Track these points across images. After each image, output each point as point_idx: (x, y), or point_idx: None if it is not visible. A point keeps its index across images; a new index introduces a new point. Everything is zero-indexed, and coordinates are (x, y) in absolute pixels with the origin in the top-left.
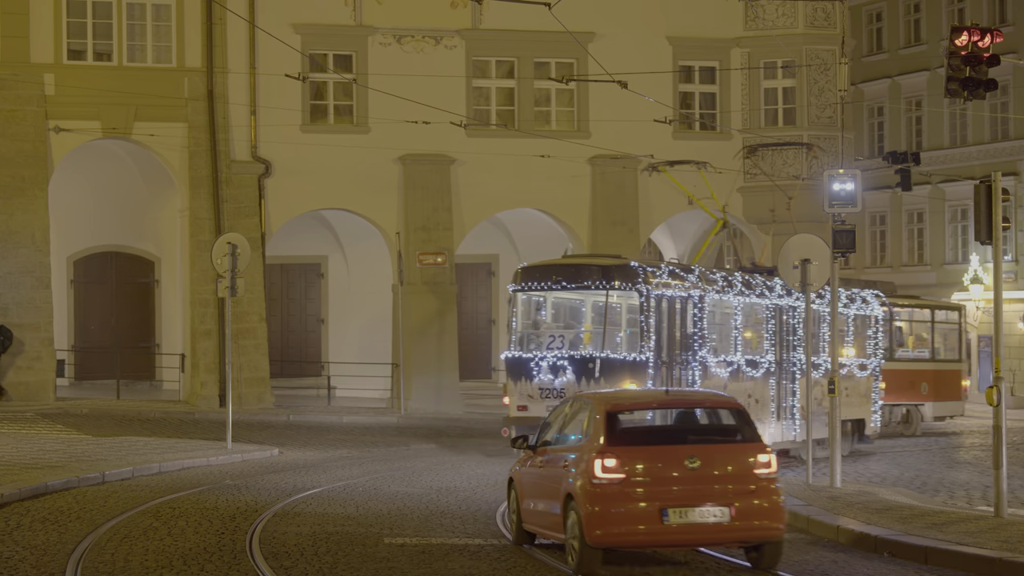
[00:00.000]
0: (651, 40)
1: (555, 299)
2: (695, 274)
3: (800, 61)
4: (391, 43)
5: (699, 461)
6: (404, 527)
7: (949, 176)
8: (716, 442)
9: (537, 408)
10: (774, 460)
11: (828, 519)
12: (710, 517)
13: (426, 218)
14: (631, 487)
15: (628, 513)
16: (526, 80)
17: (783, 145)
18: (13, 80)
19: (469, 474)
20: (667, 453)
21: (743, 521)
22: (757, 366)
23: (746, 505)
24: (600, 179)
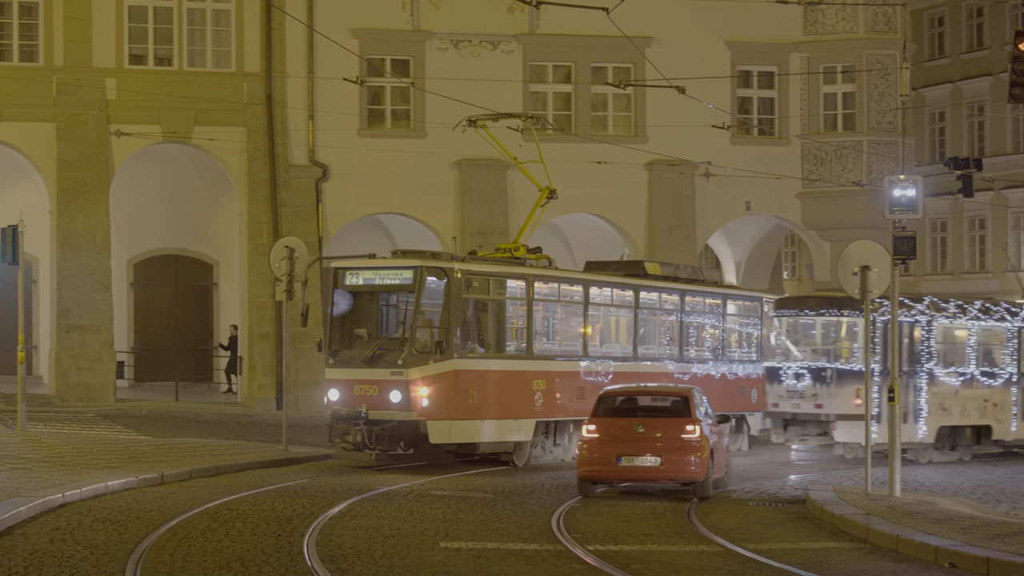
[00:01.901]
0: (709, 44)
1: (803, 321)
2: (924, 303)
3: (860, 66)
4: (448, 48)
5: (643, 428)
6: (460, 531)
7: (1012, 182)
8: (658, 416)
9: (785, 405)
10: (698, 428)
11: (887, 529)
12: (648, 462)
13: (482, 222)
14: (600, 443)
15: (598, 458)
16: (583, 85)
17: None
18: (75, 85)
19: (524, 479)
20: (624, 423)
21: (669, 466)
22: (995, 376)
23: (672, 456)
24: (657, 184)
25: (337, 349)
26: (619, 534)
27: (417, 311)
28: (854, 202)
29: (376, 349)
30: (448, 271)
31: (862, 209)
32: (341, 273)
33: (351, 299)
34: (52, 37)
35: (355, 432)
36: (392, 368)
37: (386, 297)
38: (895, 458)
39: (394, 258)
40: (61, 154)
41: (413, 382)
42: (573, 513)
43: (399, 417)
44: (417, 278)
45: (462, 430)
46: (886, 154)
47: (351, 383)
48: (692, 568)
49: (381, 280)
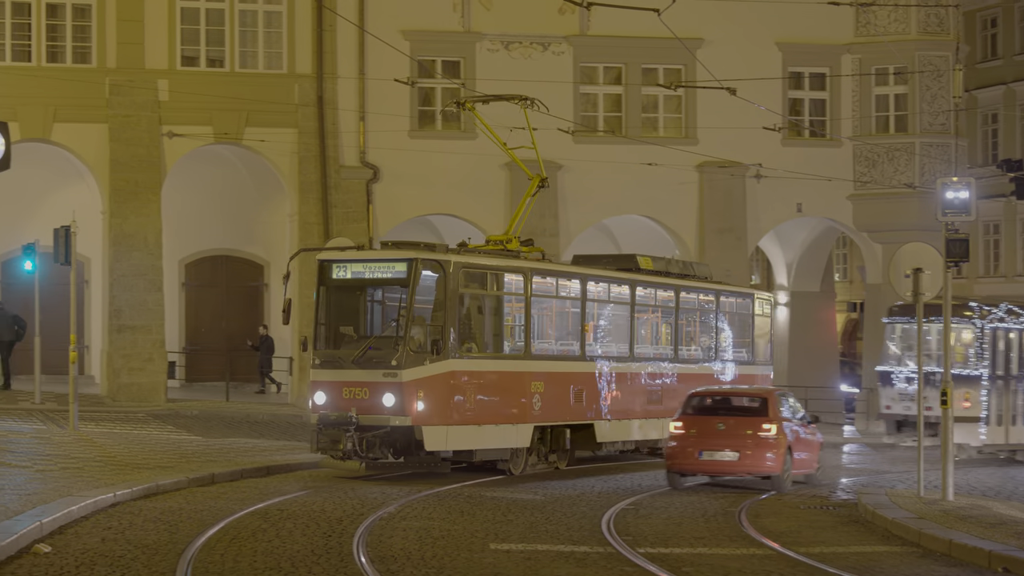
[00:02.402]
0: (760, 46)
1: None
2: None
3: (912, 67)
4: (499, 49)
5: (724, 426)
6: (509, 533)
7: None
8: (738, 415)
9: (897, 408)
10: (774, 427)
11: (940, 533)
12: (727, 457)
13: (532, 224)
14: (685, 438)
15: (683, 452)
16: (634, 86)
17: None
18: (128, 86)
19: (574, 482)
20: (707, 420)
21: (746, 461)
22: None
23: (749, 452)
24: (708, 186)
25: (323, 349)
26: (670, 537)
27: (411, 307)
28: (906, 204)
29: (366, 348)
30: (444, 264)
31: (914, 211)
32: (327, 266)
33: (338, 294)
34: (105, 39)
35: (345, 439)
36: (385, 369)
37: (377, 292)
38: (948, 462)
39: (385, 250)
40: (113, 155)
41: (408, 384)
42: (623, 515)
43: (393, 422)
44: (411, 271)
45: (459, 436)
46: (938, 156)
47: (339, 385)
48: (743, 571)
49: (371, 273)
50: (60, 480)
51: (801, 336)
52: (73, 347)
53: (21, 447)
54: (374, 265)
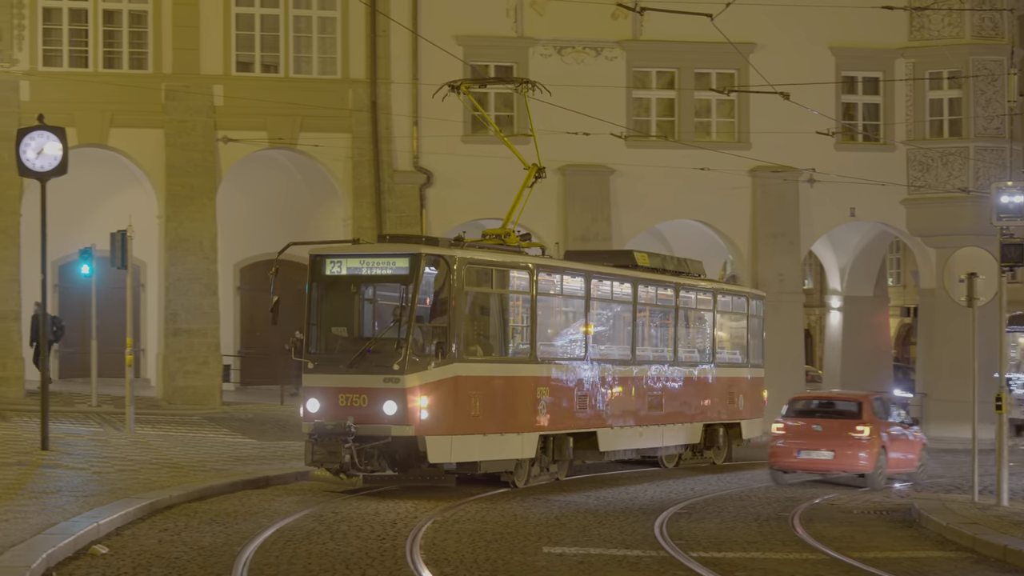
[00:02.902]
0: (813, 50)
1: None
2: None
3: (966, 71)
4: (552, 54)
5: (820, 428)
6: (563, 536)
7: None
8: (834, 418)
9: (1015, 412)
10: (867, 429)
11: (994, 539)
12: (823, 456)
13: (585, 228)
14: (785, 438)
15: (783, 451)
16: (686, 91)
17: None
18: (184, 91)
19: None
20: (805, 422)
21: (840, 460)
22: None
23: (843, 452)
24: (761, 191)
25: (316, 352)
26: (722, 541)
27: (414, 306)
28: (960, 208)
29: (365, 351)
30: (449, 260)
31: (969, 215)
32: (320, 261)
33: (332, 292)
34: (161, 45)
35: (343, 451)
36: (386, 374)
37: (375, 290)
38: (1003, 467)
39: (385, 244)
40: (169, 160)
41: (411, 390)
42: (676, 520)
43: (394, 432)
44: (414, 267)
45: (463, 447)
46: (993, 160)
47: (335, 392)
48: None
49: (370, 270)
50: (117, 482)
51: (854, 341)
52: (129, 350)
53: (78, 449)
54: (372, 260)
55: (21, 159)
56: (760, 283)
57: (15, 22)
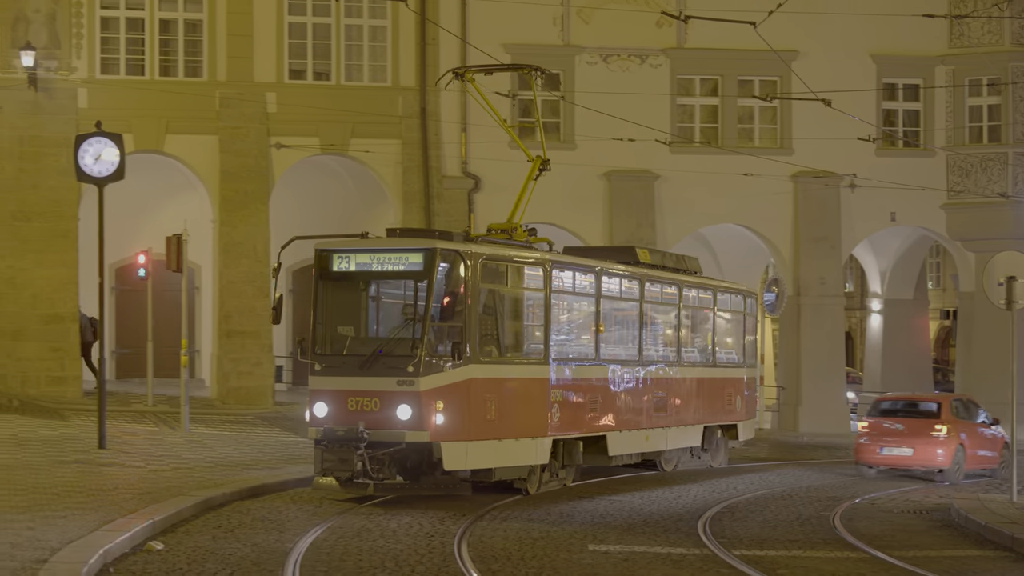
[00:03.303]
0: (854, 58)
1: None
2: None
3: (1006, 78)
4: (597, 62)
5: (902, 426)
6: (607, 535)
7: None
8: (915, 417)
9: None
10: (945, 428)
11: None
12: (903, 452)
13: (630, 233)
14: (869, 436)
15: (868, 448)
16: (730, 98)
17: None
18: (238, 99)
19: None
20: (888, 421)
21: (919, 456)
22: None
23: (922, 449)
24: (803, 195)
25: (323, 353)
26: (765, 540)
27: (429, 304)
28: (1000, 213)
29: (377, 352)
30: (464, 255)
31: (1008, 220)
32: (327, 256)
33: (340, 289)
34: (215, 53)
35: (356, 458)
36: (400, 376)
37: (386, 287)
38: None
39: (396, 238)
40: (223, 165)
41: (426, 394)
42: (719, 518)
43: (408, 438)
44: (429, 263)
45: (479, 453)
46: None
47: (344, 395)
48: (837, 574)
49: (380, 265)
50: (172, 480)
51: (894, 343)
52: (184, 351)
53: (135, 448)
54: (384, 256)
55: (79, 165)
56: (802, 286)
57: (73, 31)
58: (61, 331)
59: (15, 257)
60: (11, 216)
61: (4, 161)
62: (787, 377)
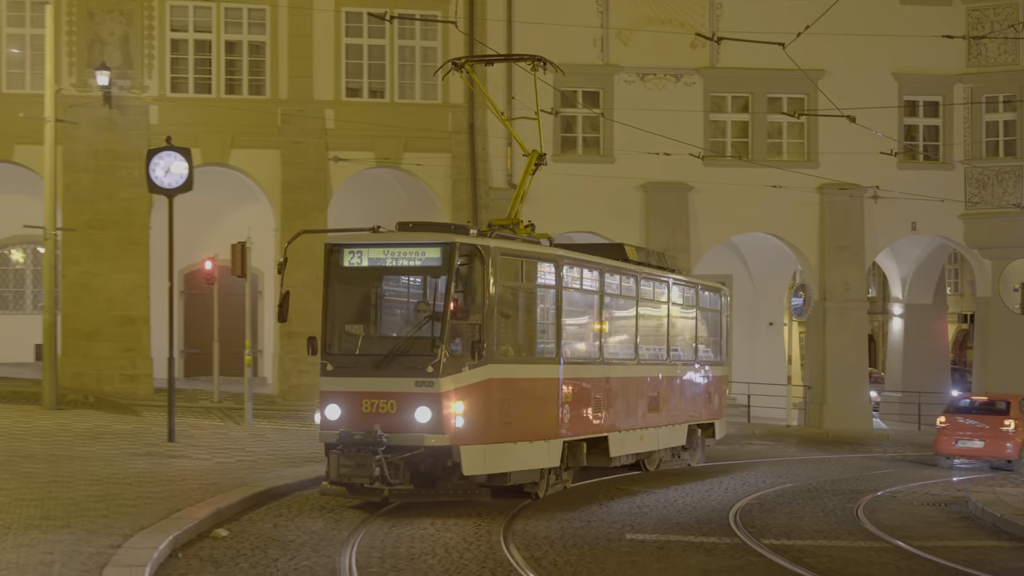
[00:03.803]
0: (878, 76)
1: None
2: None
3: (1021, 96)
4: (635, 80)
5: (975, 422)
6: (644, 524)
7: None
8: (986, 414)
9: None
10: (1013, 423)
11: None
12: (975, 445)
13: (665, 241)
14: (946, 430)
15: (945, 441)
16: (759, 114)
17: None
18: (299, 115)
19: (707, 477)
20: (963, 417)
21: (989, 449)
22: None
23: (992, 442)
24: (828, 206)
25: (336, 352)
26: (792, 530)
27: (448, 302)
28: (1015, 222)
29: (392, 352)
30: (483, 250)
31: (1022, 229)
32: (338, 251)
33: (351, 286)
34: (277, 73)
35: (374, 463)
36: (419, 377)
37: (400, 283)
38: None
39: (412, 232)
40: (285, 178)
41: (446, 395)
42: (748, 510)
43: (428, 442)
44: (448, 258)
45: (496, 457)
46: None
47: (358, 397)
48: (861, 563)
49: (395, 260)
50: (237, 471)
51: (915, 345)
52: (248, 351)
53: (202, 441)
54: (398, 251)
55: (150, 177)
56: (827, 291)
57: (145, 52)
58: (133, 332)
59: (91, 263)
60: (87, 225)
61: (81, 174)
62: (813, 377)
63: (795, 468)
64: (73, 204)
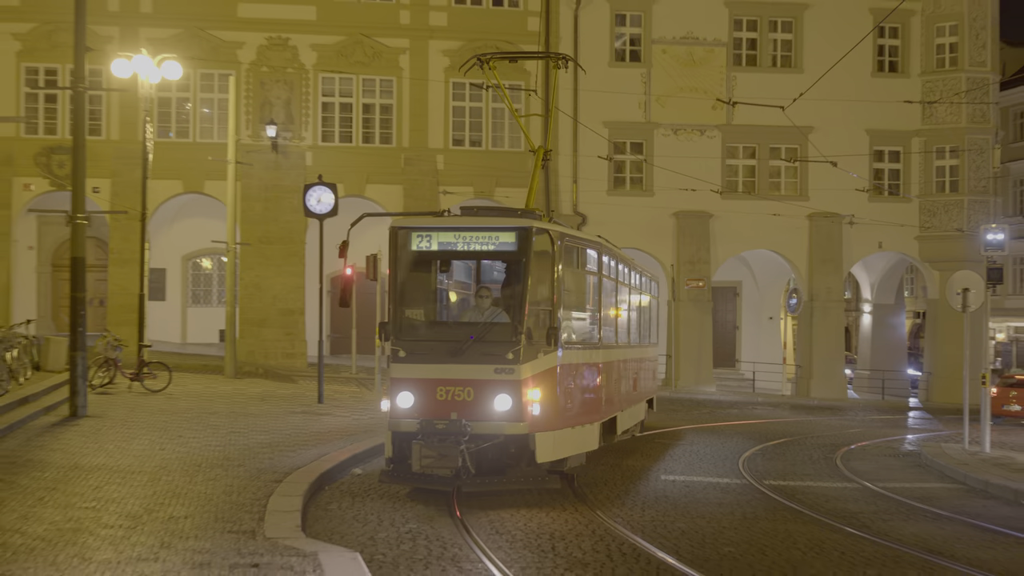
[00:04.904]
0: (854, 131)
1: None
2: None
3: (963, 147)
4: (669, 134)
5: (1015, 393)
6: (674, 468)
7: None
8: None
9: None
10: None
11: (979, 475)
12: (1015, 409)
13: (691, 255)
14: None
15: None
16: (763, 160)
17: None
18: (417, 159)
19: (722, 434)
20: (1007, 388)
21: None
22: None
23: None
24: (815, 230)
25: (408, 339)
26: (786, 474)
27: (527, 287)
28: (957, 243)
29: (469, 338)
30: (552, 235)
31: (963, 248)
32: (405, 235)
33: (421, 270)
34: (401, 128)
35: (458, 454)
36: (498, 364)
37: (471, 268)
38: (985, 424)
39: (482, 217)
40: (406, 206)
41: (525, 382)
42: (753, 459)
43: (507, 431)
44: (524, 243)
45: (562, 443)
46: (981, 209)
47: (432, 384)
48: (838, 499)
49: (467, 245)
50: (369, 424)
51: (880, 335)
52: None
53: (343, 403)
54: (471, 235)
55: (306, 205)
56: (814, 294)
57: (302, 111)
58: (292, 321)
59: (261, 269)
60: (259, 240)
61: (255, 202)
62: (802, 358)
63: (789, 427)
64: (248, 225)
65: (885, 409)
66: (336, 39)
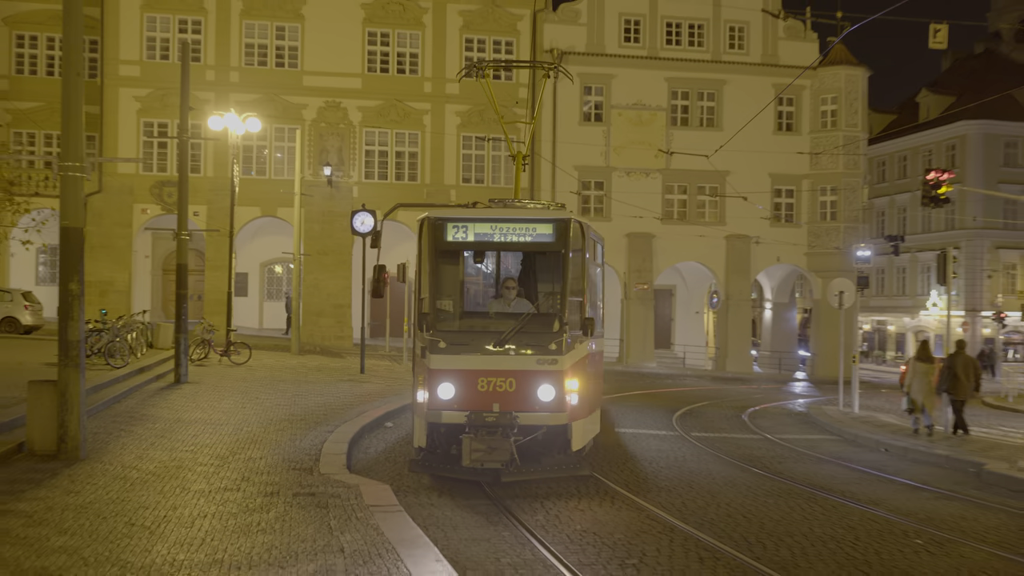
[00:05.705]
0: (759, 175)
1: None
2: None
3: (840, 187)
4: (623, 176)
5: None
6: (624, 422)
7: (921, 248)
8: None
9: None
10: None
11: (850, 429)
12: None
13: (639, 265)
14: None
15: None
16: (693, 195)
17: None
18: (435, 192)
19: (660, 398)
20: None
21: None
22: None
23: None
24: (730, 248)
25: (446, 329)
26: (707, 428)
27: (567, 278)
28: (834, 258)
29: (510, 329)
30: (584, 227)
31: (840, 262)
32: (440, 226)
33: (456, 261)
34: (424, 168)
35: (508, 447)
36: (541, 354)
37: (507, 259)
38: (854, 391)
39: (518, 208)
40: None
41: (565, 372)
42: (683, 417)
43: (550, 422)
44: (562, 234)
45: (587, 430)
46: (853, 233)
47: (473, 375)
48: (746, 447)
49: (503, 236)
50: (399, 390)
51: (777, 326)
52: (407, 322)
53: (379, 373)
54: (508, 226)
55: (353, 226)
56: (729, 295)
57: (351, 156)
58: (341, 312)
59: (318, 274)
60: (317, 252)
61: (315, 224)
62: (720, 342)
63: (710, 393)
64: (309, 240)
65: (781, 380)
66: (376, 103)
